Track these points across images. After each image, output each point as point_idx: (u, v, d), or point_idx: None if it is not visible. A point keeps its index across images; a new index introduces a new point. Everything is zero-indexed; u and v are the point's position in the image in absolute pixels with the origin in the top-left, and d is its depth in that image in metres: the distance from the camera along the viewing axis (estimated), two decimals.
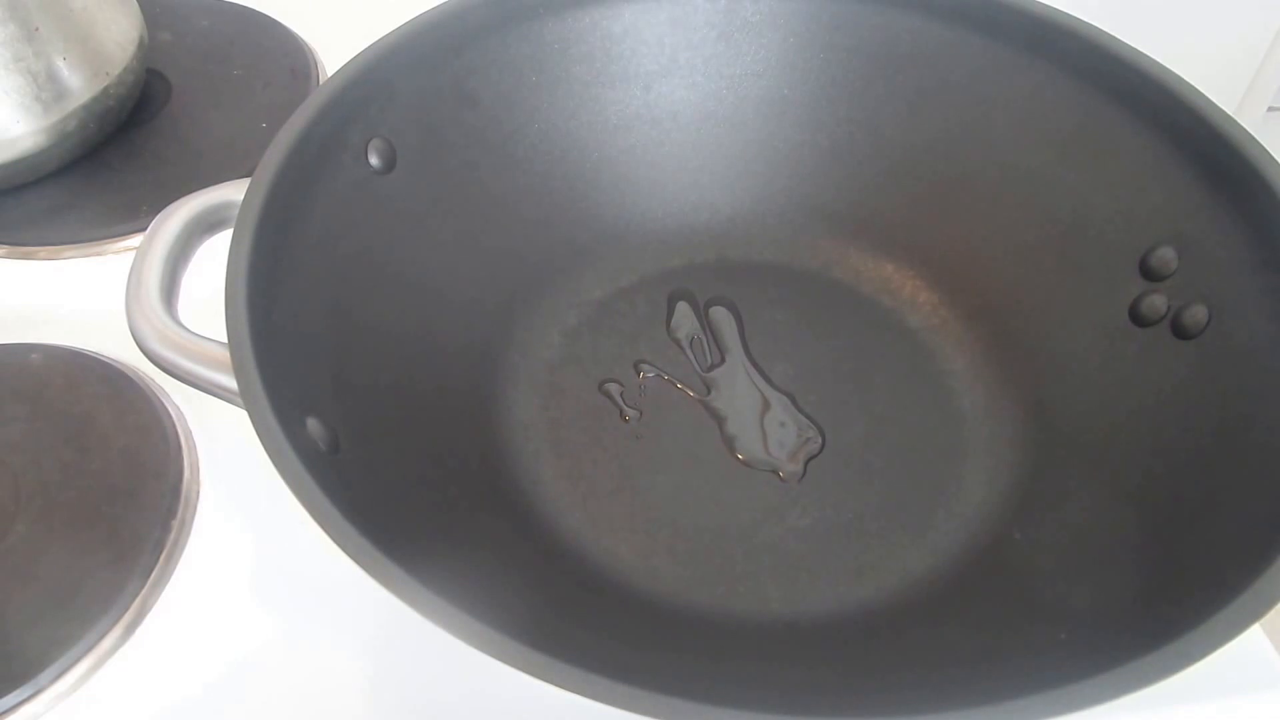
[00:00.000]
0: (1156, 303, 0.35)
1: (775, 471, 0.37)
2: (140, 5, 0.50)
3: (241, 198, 0.30)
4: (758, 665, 0.31)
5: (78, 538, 0.34)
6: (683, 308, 0.42)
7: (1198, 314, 0.34)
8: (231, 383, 0.27)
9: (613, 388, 0.39)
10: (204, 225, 0.32)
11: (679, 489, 0.37)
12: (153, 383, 0.39)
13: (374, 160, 0.35)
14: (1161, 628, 0.23)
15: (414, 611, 0.22)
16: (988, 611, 0.32)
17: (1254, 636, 0.33)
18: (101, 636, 0.32)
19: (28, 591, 0.33)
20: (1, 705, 0.31)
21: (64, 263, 0.45)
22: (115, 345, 0.40)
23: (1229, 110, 0.33)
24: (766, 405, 0.39)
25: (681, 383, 0.40)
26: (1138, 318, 0.36)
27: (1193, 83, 0.34)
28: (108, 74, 0.47)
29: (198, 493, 0.37)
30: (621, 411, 0.39)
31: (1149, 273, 0.36)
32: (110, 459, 0.36)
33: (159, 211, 0.32)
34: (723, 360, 0.40)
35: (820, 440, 0.38)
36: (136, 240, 0.43)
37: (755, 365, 0.40)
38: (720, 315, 0.42)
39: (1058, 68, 0.37)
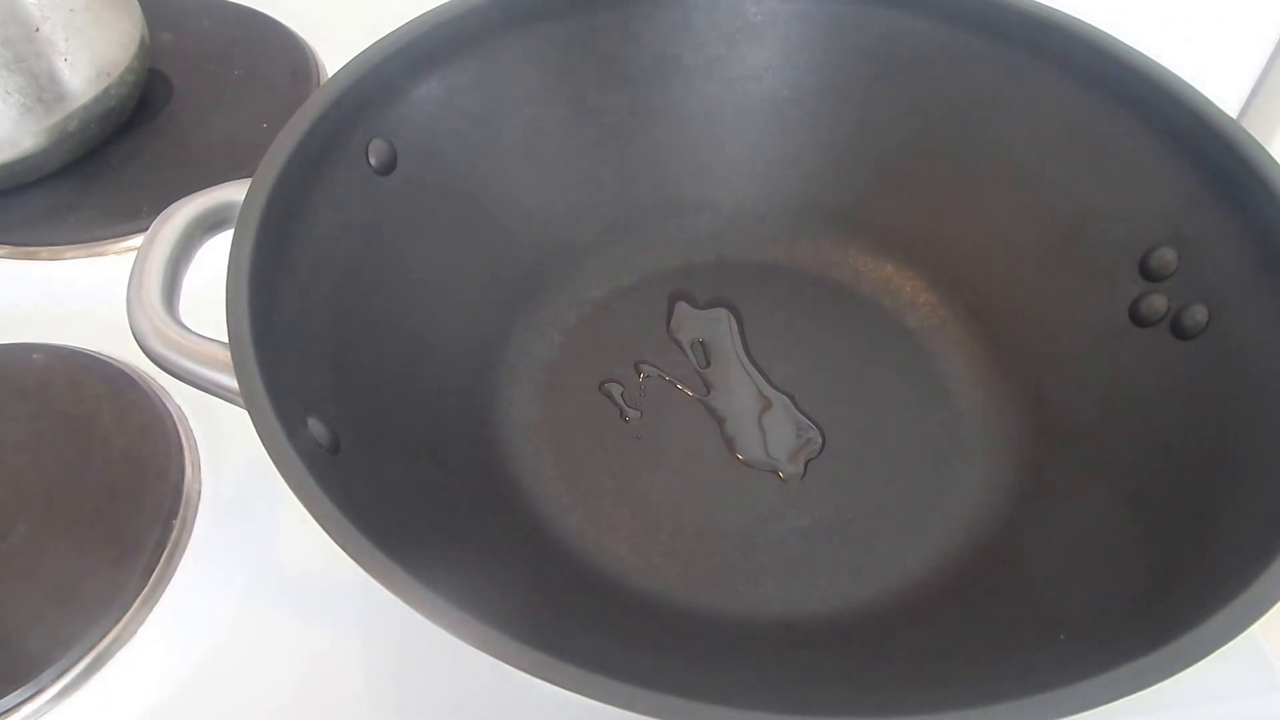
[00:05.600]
0: (1156, 303, 0.35)
1: (775, 472, 0.37)
2: (141, 5, 0.50)
3: (242, 198, 0.30)
4: (758, 665, 0.31)
5: (78, 537, 0.34)
6: (683, 308, 0.42)
7: (1198, 314, 0.34)
8: (232, 383, 0.27)
9: (613, 388, 0.39)
10: (205, 225, 0.32)
11: (679, 489, 0.37)
12: (154, 383, 0.39)
13: (374, 161, 0.35)
14: (1161, 628, 0.23)
15: (414, 611, 0.22)
16: (987, 612, 0.32)
17: (1253, 637, 0.33)
18: (101, 636, 0.32)
19: (29, 591, 0.33)
20: (2, 705, 0.31)
21: (65, 263, 0.45)
22: (116, 345, 0.40)
23: (1229, 110, 0.33)
24: (766, 405, 0.39)
25: (681, 383, 0.40)
26: (1138, 318, 0.36)
27: (1193, 83, 0.34)
28: (109, 74, 0.47)
29: (198, 493, 0.37)
30: (622, 412, 0.39)
31: (1149, 273, 0.36)
32: (111, 459, 0.36)
33: (160, 212, 0.32)
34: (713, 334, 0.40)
35: (820, 440, 0.38)
36: (138, 240, 0.43)
37: (755, 365, 0.40)
38: (720, 315, 0.42)
39: (1058, 68, 0.37)
